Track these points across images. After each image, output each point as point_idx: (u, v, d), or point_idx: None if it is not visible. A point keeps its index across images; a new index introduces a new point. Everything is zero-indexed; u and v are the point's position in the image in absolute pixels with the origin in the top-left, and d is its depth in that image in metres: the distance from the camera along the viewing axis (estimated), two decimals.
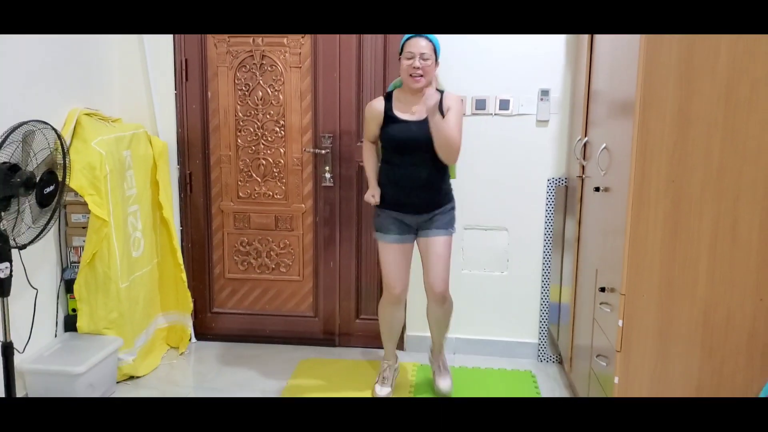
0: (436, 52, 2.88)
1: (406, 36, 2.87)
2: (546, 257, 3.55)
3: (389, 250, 3.05)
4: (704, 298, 2.35)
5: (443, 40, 3.42)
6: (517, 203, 3.53)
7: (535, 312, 3.61)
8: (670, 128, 2.27)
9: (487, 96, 3.45)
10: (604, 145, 2.69)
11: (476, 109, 3.47)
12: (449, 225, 3.04)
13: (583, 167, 3.05)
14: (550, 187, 3.48)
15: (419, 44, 2.82)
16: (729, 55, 2.21)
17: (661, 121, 2.27)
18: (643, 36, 2.24)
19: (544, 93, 3.40)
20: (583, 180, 3.07)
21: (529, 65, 3.41)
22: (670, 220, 2.32)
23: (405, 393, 3.22)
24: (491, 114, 3.47)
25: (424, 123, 2.84)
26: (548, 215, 3.51)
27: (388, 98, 2.99)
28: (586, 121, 3.08)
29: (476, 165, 3.50)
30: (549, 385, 3.33)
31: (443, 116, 2.86)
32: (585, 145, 3.03)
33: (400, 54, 2.88)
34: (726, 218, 2.30)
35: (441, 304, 3.07)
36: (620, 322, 2.41)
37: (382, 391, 3.14)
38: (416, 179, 2.93)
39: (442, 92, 2.94)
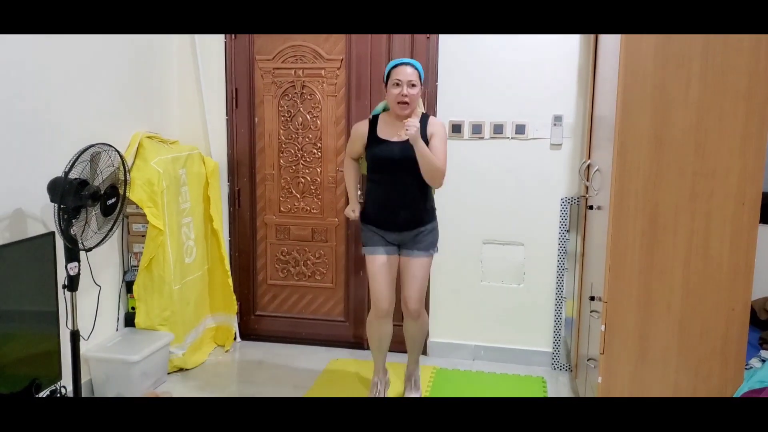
0: (420, 78, 3.03)
1: (392, 63, 3.04)
2: (560, 271, 3.80)
3: (376, 265, 3.15)
4: (680, 306, 2.59)
5: (462, 67, 3.77)
6: (532, 220, 3.80)
7: (549, 322, 3.86)
8: (646, 152, 2.53)
9: (505, 121, 3.75)
10: (597, 167, 2.96)
11: (494, 133, 3.77)
12: (431, 246, 3.17)
13: (587, 188, 3.31)
14: (563, 206, 3.74)
15: (406, 72, 2.97)
16: (700, 87, 2.47)
17: (638, 146, 2.53)
18: (621, 65, 2.52)
19: (557, 118, 3.68)
20: (586, 199, 3.33)
21: (544, 92, 3.69)
22: (647, 235, 2.57)
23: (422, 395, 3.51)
24: (508, 138, 3.76)
25: (407, 144, 2.94)
26: (561, 232, 3.77)
27: (374, 121, 3.14)
28: (590, 144, 3.35)
29: (494, 184, 3.80)
30: (557, 391, 3.57)
31: (427, 141, 3.00)
32: (588, 167, 3.29)
33: (386, 81, 3.04)
34: (699, 235, 2.54)
35: (414, 320, 3.24)
36: (602, 327, 2.66)
37: None
38: (399, 198, 3.06)
39: (426, 115, 3.10)
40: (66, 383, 2.92)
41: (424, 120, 3.06)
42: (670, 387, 2.63)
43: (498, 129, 3.77)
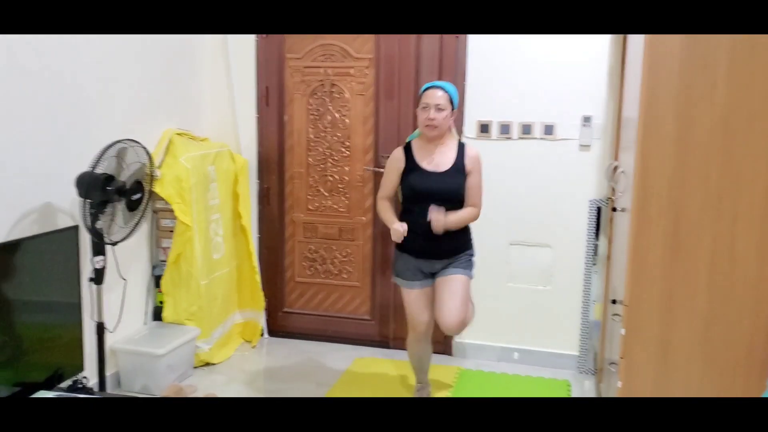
0: (452, 102, 3.01)
1: (425, 87, 3.05)
2: (587, 274, 3.73)
3: (410, 294, 3.15)
4: (704, 311, 2.51)
5: (491, 66, 3.73)
6: (560, 222, 3.75)
7: (576, 326, 3.80)
8: (670, 154, 2.47)
9: (533, 121, 3.71)
10: (622, 168, 2.90)
11: (523, 133, 3.73)
12: (467, 267, 3.12)
13: (614, 189, 3.25)
14: (592, 208, 3.68)
15: (435, 95, 2.98)
16: (726, 87, 2.39)
17: (661, 147, 2.47)
18: (645, 66, 2.46)
19: (587, 119, 3.62)
20: (613, 201, 3.27)
21: (573, 92, 3.64)
22: (670, 237, 2.51)
23: (445, 395, 3.50)
24: (537, 138, 3.72)
25: (443, 175, 3.00)
26: (590, 234, 3.70)
27: (408, 147, 3.11)
28: (618, 146, 3.28)
29: (522, 185, 3.76)
30: (581, 394, 3.52)
31: (464, 173, 3.03)
32: (615, 168, 3.23)
33: (418, 104, 3.05)
34: (724, 238, 2.46)
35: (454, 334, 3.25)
36: (622, 331, 2.61)
37: None
38: (431, 227, 2.98)
39: (462, 144, 3.10)
40: (91, 374, 2.99)
41: (461, 150, 3.07)
42: (693, 394, 2.56)
43: (526, 129, 3.73)
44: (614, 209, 3.02)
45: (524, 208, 3.78)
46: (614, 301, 2.83)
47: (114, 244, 2.96)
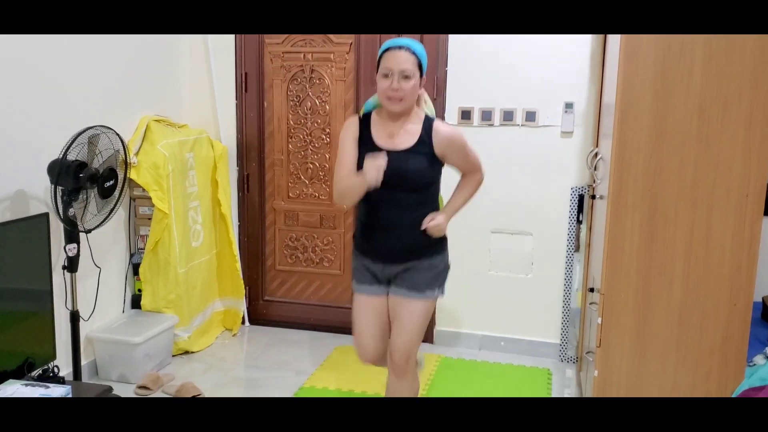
0: (421, 66, 2.37)
1: (385, 46, 2.38)
2: (569, 262, 3.72)
3: (359, 306, 2.56)
4: (680, 301, 2.51)
5: (472, 52, 3.68)
6: (541, 210, 3.72)
7: (557, 314, 3.79)
8: (646, 141, 2.45)
9: (515, 108, 3.67)
10: (600, 156, 2.88)
11: (504, 120, 3.70)
12: (428, 285, 2.45)
13: (594, 177, 3.23)
14: (573, 196, 3.66)
15: (399, 58, 2.32)
16: (702, 76, 2.37)
17: (637, 134, 2.45)
18: (621, 52, 2.43)
19: (569, 106, 3.59)
20: (593, 189, 3.25)
21: (556, 79, 3.60)
22: (646, 226, 2.49)
23: (422, 385, 3.47)
24: (518, 125, 3.69)
25: (403, 154, 2.37)
26: (571, 222, 3.68)
27: (365, 121, 2.47)
28: (598, 132, 3.26)
29: (503, 172, 3.72)
30: (561, 383, 3.51)
31: (430, 156, 2.39)
32: (596, 155, 3.21)
33: (377, 68, 2.40)
34: (700, 227, 2.45)
35: (399, 377, 2.51)
36: (599, 320, 2.60)
37: None
38: (390, 221, 2.41)
39: (430, 119, 2.46)
40: (65, 363, 2.96)
41: (427, 126, 2.42)
42: (669, 383, 2.55)
43: (508, 116, 3.70)
44: (593, 197, 3.00)
45: (506, 195, 3.76)
46: (591, 290, 2.82)
47: (88, 231, 2.92)
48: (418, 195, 2.42)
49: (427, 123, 2.44)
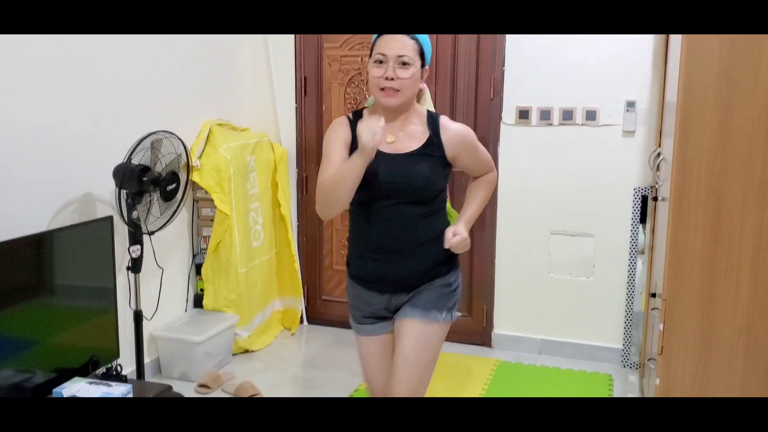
0: (423, 54, 2.02)
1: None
2: (631, 265, 3.61)
3: (363, 347, 2.21)
4: (747, 306, 2.40)
5: (529, 51, 3.62)
6: (603, 211, 3.63)
7: (620, 318, 3.68)
8: (709, 140, 2.35)
9: (575, 107, 3.59)
10: (662, 156, 2.78)
11: (563, 119, 3.62)
12: (436, 305, 2.05)
13: (656, 178, 3.12)
14: (636, 197, 3.55)
15: (395, 42, 1.96)
16: None
17: (700, 133, 2.36)
18: (684, 47, 2.34)
19: (630, 104, 3.48)
20: (656, 190, 3.15)
21: (617, 77, 3.50)
22: (710, 228, 2.39)
23: (479, 389, 3.42)
24: (578, 124, 3.60)
25: (407, 159, 2.00)
26: (634, 224, 3.57)
27: (356, 121, 2.05)
28: (660, 131, 3.15)
29: (563, 173, 3.65)
30: (623, 389, 3.41)
31: (439, 160, 2.03)
32: (658, 155, 3.10)
33: (370, 57, 2.04)
34: None
35: None
36: (660, 326, 2.51)
37: None
38: (395, 241, 2.01)
39: (434, 116, 2.09)
40: (129, 361, 3.06)
41: (433, 123, 2.06)
42: (735, 392, 2.45)
43: (567, 115, 3.62)
44: (655, 199, 2.90)
45: (566, 196, 3.68)
46: (653, 295, 2.73)
47: (151, 233, 3.01)
48: (426, 207, 2.03)
49: (433, 121, 2.07)
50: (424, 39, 2.03)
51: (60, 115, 2.82)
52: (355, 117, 2.11)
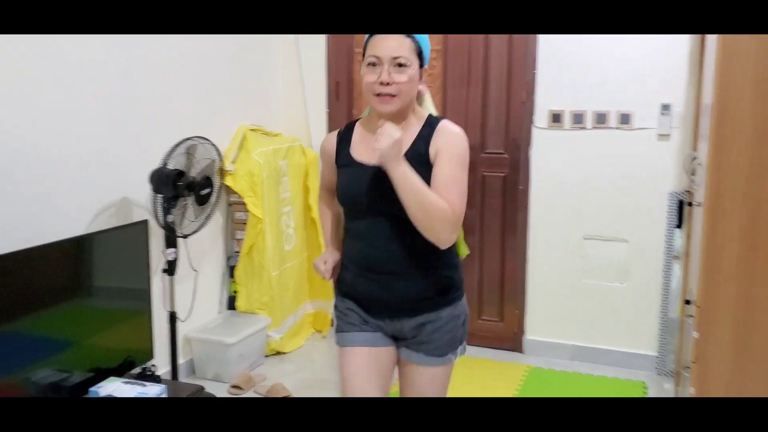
0: (421, 54, 1.83)
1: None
2: (666, 271, 3.55)
3: (351, 364, 1.91)
4: None
5: (562, 53, 3.59)
6: (637, 215, 3.58)
7: (654, 325, 3.62)
8: (746, 144, 2.31)
9: (608, 110, 3.55)
10: (698, 160, 2.73)
11: (597, 122, 3.58)
12: (452, 346, 1.91)
13: (692, 182, 3.07)
14: (671, 201, 3.49)
15: (390, 42, 1.77)
16: None
17: (736, 136, 2.31)
18: (719, 50, 2.30)
19: (665, 107, 3.43)
20: (691, 195, 3.09)
21: (651, 79, 3.45)
22: (747, 234, 2.34)
23: (509, 395, 3.39)
24: (612, 128, 3.56)
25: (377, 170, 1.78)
26: (669, 229, 3.52)
27: (348, 132, 1.95)
28: (696, 135, 3.10)
29: (597, 177, 3.61)
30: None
31: (428, 163, 1.80)
32: (694, 159, 3.05)
33: (363, 59, 1.84)
34: None
35: None
36: (695, 334, 2.46)
37: None
38: (389, 259, 1.83)
39: (434, 119, 1.88)
40: (164, 362, 3.12)
41: (430, 126, 1.85)
42: None
43: (601, 118, 3.58)
44: (690, 204, 2.86)
45: (599, 200, 3.64)
46: (688, 302, 2.68)
47: (185, 236, 3.07)
48: (410, 223, 1.76)
49: (429, 124, 1.86)
50: (422, 37, 1.84)
51: (99, 123, 2.89)
52: (348, 128, 1.97)
